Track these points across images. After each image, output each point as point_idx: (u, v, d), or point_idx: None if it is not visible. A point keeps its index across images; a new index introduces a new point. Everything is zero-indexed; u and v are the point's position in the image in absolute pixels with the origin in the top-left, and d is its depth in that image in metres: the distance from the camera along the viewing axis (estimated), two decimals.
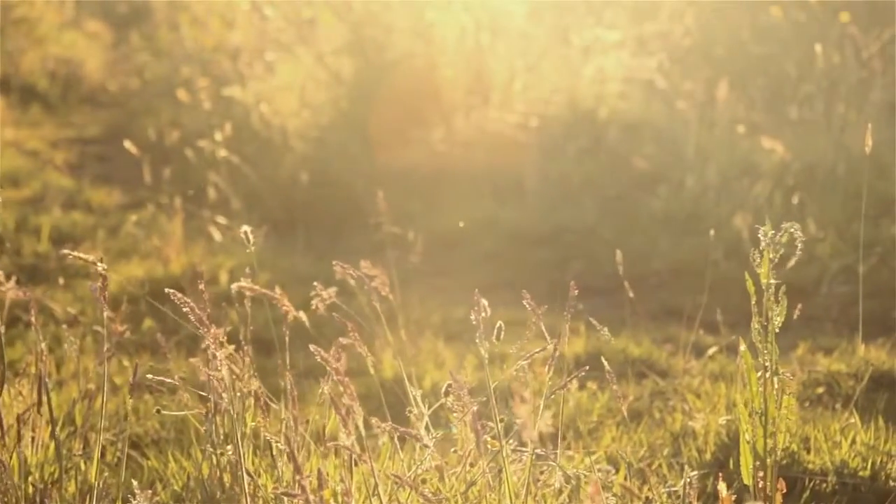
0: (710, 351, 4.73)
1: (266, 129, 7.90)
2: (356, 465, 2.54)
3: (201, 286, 2.96)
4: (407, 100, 7.78)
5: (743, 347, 2.77)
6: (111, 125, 10.43)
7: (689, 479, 2.93)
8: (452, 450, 3.00)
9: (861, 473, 3.52)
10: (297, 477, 1.98)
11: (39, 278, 5.75)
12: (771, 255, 2.73)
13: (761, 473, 2.92)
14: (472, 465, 2.97)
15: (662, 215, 6.76)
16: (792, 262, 2.77)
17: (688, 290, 5.85)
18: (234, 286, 2.67)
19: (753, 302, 2.73)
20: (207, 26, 10.04)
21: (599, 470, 3.65)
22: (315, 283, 3.32)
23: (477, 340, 2.76)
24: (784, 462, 3.61)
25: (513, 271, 6.27)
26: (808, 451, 3.69)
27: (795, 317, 5.51)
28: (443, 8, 7.81)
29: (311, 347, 2.57)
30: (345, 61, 7.98)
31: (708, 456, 3.64)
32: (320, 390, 2.68)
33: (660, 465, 3.62)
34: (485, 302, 3.33)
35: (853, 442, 3.68)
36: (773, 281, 2.73)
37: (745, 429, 2.74)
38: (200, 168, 6.97)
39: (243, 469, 2.51)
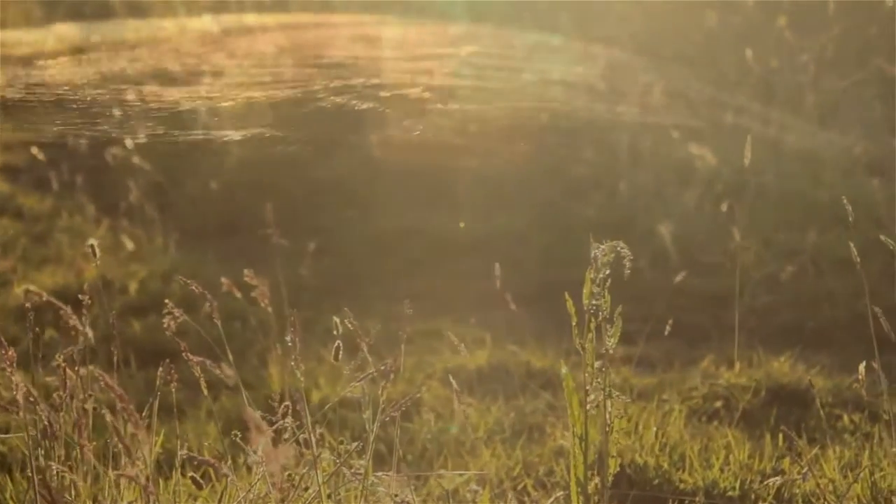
0: None
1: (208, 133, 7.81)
2: (150, 495, 2.46)
3: (27, 304, 2.88)
4: None
5: (565, 370, 2.69)
6: (71, 128, 10.34)
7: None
8: (287, 473, 2.92)
9: (730, 493, 3.45)
10: None
11: None
12: (593, 276, 2.63)
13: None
14: (305, 490, 2.89)
15: (595, 222, 6.67)
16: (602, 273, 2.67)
17: (613, 300, 5.77)
18: (22, 289, 2.59)
19: (574, 323, 2.65)
20: (162, 27, 9.96)
21: (468, 490, 3.59)
22: (167, 302, 3.22)
23: (292, 363, 2.67)
24: (655, 482, 3.53)
25: (438, 280, 6.19)
26: (684, 470, 3.61)
27: (712, 327, 5.53)
28: (383, 11, 7.74)
29: (97, 372, 2.48)
30: (286, 63, 7.89)
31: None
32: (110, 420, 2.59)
33: (525, 486, 3.54)
34: (349, 320, 3.27)
35: (727, 461, 3.60)
36: (596, 302, 2.64)
37: (574, 453, 2.66)
38: (121, 174, 6.90)
39: (33, 494, 2.43)
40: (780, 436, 3.82)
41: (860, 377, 3.22)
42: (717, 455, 3.61)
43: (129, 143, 7.17)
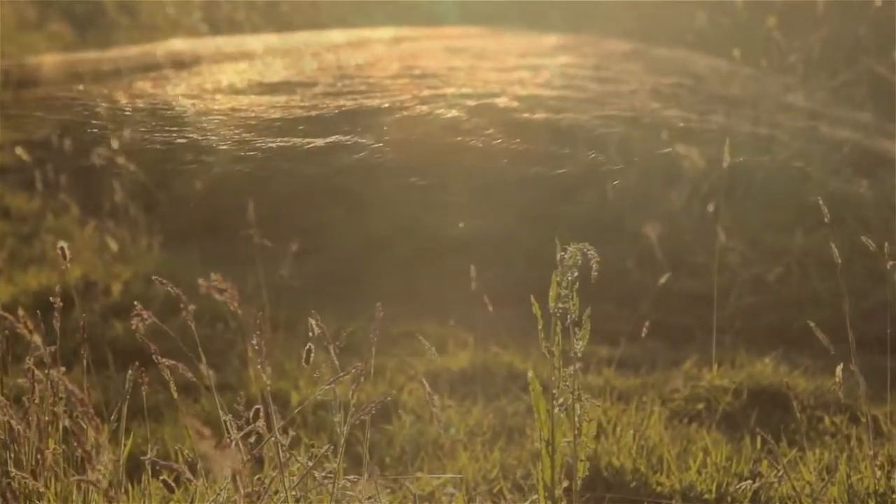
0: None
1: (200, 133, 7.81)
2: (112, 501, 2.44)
3: None
4: None
5: (531, 374, 2.67)
6: (62, 128, 10.32)
7: None
8: (256, 477, 2.90)
9: (707, 496, 3.43)
10: None
11: None
12: (559, 279, 2.62)
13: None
14: (276, 493, 2.88)
15: (584, 223, 6.65)
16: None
17: (598, 300, 5.73)
18: None
19: (540, 327, 2.63)
20: (153, 27, 9.97)
21: (444, 493, 3.57)
22: (136, 303, 3.20)
23: (259, 366, 2.66)
24: (632, 484, 3.52)
25: (423, 280, 6.17)
26: (661, 472, 3.59)
27: (697, 328, 5.51)
28: (375, 10, 7.73)
29: (58, 375, 2.47)
30: (278, 62, 7.89)
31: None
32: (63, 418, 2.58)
33: (501, 489, 3.52)
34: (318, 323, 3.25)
35: (704, 463, 3.59)
36: (563, 305, 2.63)
37: (542, 457, 2.64)
38: (107, 175, 6.88)
39: None
40: (759, 438, 3.80)
41: (837, 380, 3.21)
42: (694, 457, 3.59)
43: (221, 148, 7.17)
